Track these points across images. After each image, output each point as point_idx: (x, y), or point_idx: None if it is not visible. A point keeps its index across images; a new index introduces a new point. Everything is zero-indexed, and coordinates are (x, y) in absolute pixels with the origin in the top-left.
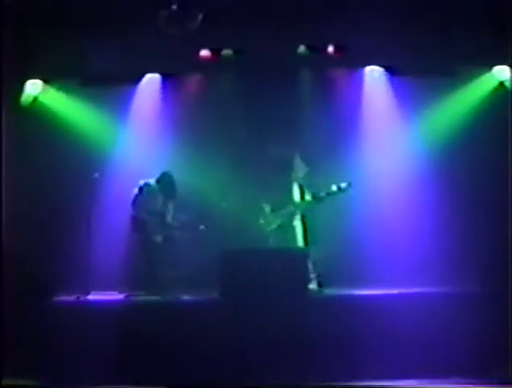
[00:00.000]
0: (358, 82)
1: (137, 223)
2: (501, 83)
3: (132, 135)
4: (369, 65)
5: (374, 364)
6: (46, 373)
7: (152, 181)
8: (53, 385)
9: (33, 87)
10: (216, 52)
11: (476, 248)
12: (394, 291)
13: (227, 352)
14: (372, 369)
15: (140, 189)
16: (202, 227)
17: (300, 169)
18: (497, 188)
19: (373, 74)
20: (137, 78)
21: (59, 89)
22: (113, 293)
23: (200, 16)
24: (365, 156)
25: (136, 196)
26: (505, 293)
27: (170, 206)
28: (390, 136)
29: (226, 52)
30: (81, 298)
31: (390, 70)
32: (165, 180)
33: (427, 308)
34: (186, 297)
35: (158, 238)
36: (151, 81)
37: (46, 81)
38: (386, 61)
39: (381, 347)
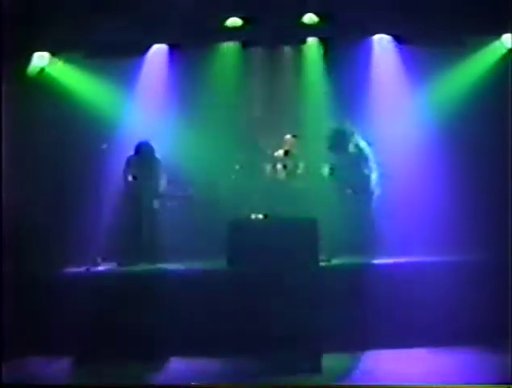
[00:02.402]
0: (367, 51)
1: (131, 193)
2: (510, 51)
3: (140, 106)
4: (377, 33)
5: (381, 332)
6: (51, 344)
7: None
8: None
9: (40, 59)
10: None
11: (480, 217)
12: (401, 260)
13: (233, 322)
14: (379, 336)
15: (127, 161)
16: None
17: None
18: (503, 158)
19: (381, 43)
20: (145, 49)
21: (66, 61)
22: (121, 263)
23: None
24: (373, 125)
25: (124, 169)
26: (505, 263)
27: (162, 174)
28: (398, 105)
29: (233, 21)
30: (91, 269)
31: (398, 39)
32: (141, 150)
33: (432, 277)
34: (192, 266)
35: (156, 204)
36: (158, 52)
37: (53, 53)
38: (394, 30)
39: (386, 316)
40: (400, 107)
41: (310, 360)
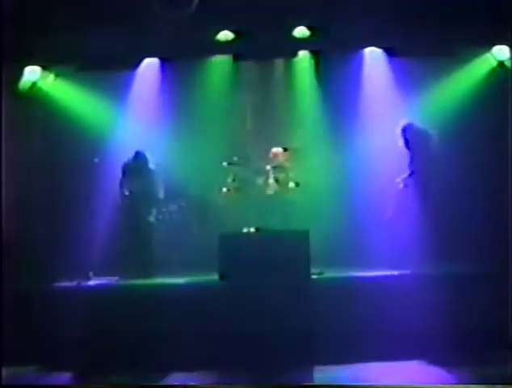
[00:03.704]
0: (358, 64)
1: (126, 205)
2: (501, 63)
3: (131, 120)
4: (369, 46)
5: (375, 345)
6: (46, 358)
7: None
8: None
9: (31, 73)
10: None
11: (476, 228)
12: (394, 272)
13: (227, 335)
14: (373, 350)
15: (123, 172)
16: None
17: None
18: (498, 168)
19: (372, 56)
20: (136, 63)
21: (57, 75)
22: (114, 277)
23: None
24: (364, 137)
25: (120, 179)
26: (505, 274)
27: (158, 185)
28: (389, 117)
29: (225, 34)
30: (82, 283)
31: (389, 51)
32: (136, 159)
33: (426, 289)
34: (184, 280)
35: (151, 218)
36: (150, 65)
37: (44, 67)
38: (385, 43)
39: (380, 328)
40: (392, 120)
41: (302, 372)
